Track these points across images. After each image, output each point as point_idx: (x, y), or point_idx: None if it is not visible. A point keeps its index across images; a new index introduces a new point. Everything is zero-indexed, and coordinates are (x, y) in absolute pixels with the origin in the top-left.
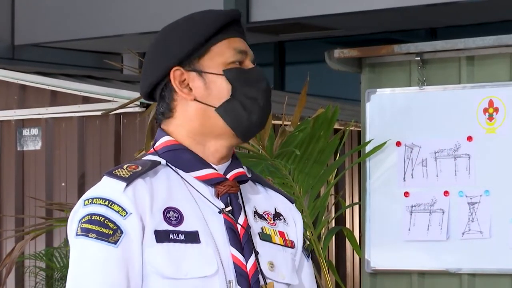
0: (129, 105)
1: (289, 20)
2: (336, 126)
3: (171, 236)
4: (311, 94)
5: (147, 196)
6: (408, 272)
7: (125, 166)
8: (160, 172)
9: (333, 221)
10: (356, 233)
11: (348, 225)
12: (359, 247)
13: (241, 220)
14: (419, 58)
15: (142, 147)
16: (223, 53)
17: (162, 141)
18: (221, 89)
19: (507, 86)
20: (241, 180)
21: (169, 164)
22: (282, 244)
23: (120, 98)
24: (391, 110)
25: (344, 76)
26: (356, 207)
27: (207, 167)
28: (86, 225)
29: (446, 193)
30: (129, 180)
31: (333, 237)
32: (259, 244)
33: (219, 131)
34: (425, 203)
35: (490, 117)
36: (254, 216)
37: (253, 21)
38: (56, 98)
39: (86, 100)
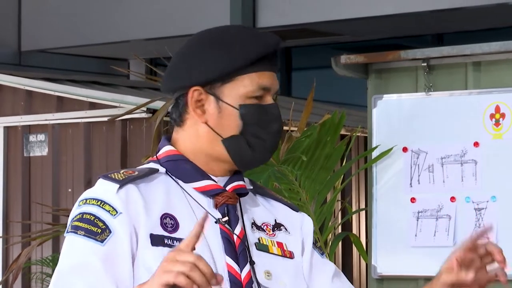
0: (135, 111)
1: (295, 26)
2: (343, 132)
3: (166, 241)
4: (317, 100)
5: (140, 200)
6: (415, 278)
7: (121, 171)
8: (158, 179)
9: (340, 227)
10: (363, 239)
11: (354, 231)
12: (366, 253)
13: (237, 230)
14: (425, 64)
15: (148, 153)
16: (246, 86)
17: (164, 150)
18: (232, 123)
19: None
20: (241, 192)
21: (169, 173)
22: (280, 254)
23: (127, 104)
24: (398, 116)
25: (350, 82)
26: (363, 213)
27: (206, 178)
28: (76, 223)
29: (452, 199)
30: (122, 183)
31: (340, 243)
32: (255, 254)
33: (222, 158)
34: (432, 209)
35: (497, 123)
36: (252, 227)
37: (259, 27)
38: (62, 104)
39: (93, 106)
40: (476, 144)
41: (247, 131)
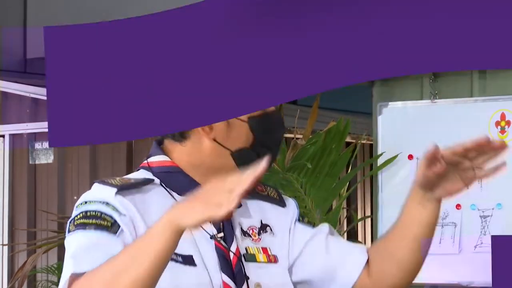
0: None
1: None
2: (348, 139)
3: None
4: (322, 108)
5: (135, 209)
6: (420, 285)
7: (117, 178)
8: (153, 191)
9: (345, 234)
10: (369, 247)
11: (360, 238)
12: None
13: (233, 247)
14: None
15: None
16: None
17: (158, 160)
18: (241, 136)
19: None
20: None
21: (163, 185)
22: (266, 261)
23: None
24: (403, 123)
25: (355, 90)
26: (368, 220)
27: None
28: (82, 221)
29: (458, 206)
30: (120, 188)
31: None
32: (245, 266)
33: (226, 169)
34: None
35: (502, 130)
36: (240, 234)
37: None
38: None
39: None
40: None
41: (257, 143)
